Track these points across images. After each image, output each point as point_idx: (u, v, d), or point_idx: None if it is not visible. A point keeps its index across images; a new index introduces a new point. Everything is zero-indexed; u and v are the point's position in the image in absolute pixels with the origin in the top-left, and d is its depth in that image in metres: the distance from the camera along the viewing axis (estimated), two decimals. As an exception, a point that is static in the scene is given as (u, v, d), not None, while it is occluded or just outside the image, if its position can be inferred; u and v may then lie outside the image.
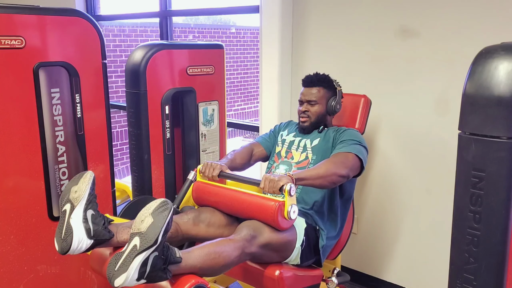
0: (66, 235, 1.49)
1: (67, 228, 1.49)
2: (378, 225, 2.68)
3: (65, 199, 1.54)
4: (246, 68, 9.39)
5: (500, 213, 1.21)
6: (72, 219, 1.50)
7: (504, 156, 1.18)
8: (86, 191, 1.54)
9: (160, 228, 1.34)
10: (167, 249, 1.40)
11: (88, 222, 1.52)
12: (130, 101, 2.40)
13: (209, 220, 1.87)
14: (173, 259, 1.42)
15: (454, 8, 2.24)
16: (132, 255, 1.33)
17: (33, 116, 2.05)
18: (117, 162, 6.36)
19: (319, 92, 2.18)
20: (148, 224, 1.35)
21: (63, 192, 1.57)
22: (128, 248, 1.35)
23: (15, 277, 2.09)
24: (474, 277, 1.26)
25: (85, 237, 1.51)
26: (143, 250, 1.32)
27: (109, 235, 1.57)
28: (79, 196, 1.53)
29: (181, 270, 1.46)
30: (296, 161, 2.16)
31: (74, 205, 1.52)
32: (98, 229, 1.54)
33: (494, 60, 1.19)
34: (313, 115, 2.19)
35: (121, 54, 6.78)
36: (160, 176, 2.47)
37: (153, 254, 1.34)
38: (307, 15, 2.77)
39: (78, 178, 1.58)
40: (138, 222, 1.37)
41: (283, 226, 1.75)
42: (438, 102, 2.35)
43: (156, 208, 1.39)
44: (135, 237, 1.35)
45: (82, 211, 1.52)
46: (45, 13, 2.05)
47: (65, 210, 1.53)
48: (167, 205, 1.40)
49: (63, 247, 1.49)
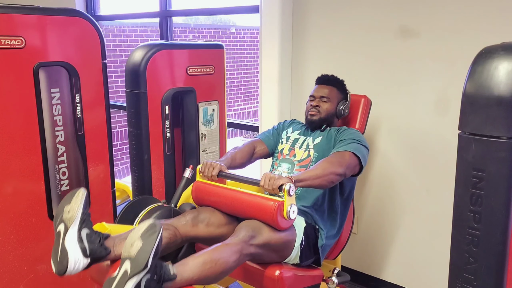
0: (62, 258, 1.48)
1: (62, 251, 1.48)
2: (378, 225, 2.68)
3: (59, 219, 1.53)
4: (246, 68, 9.39)
5: (500, 213, 1.21)
6: (66, 241, 1.49)
7: (504, 156, 1.18)
8: (79, 210, 1.52)
9: (150, 252, 1.34)
10: (160, 268, 1.40)
11: (83, 241, 1.51)
12: (130, 101, 2.40)
13: (208, 220, 1.87)
14: (167, 277, 1.41)
15: (454, 8, 2.24)
16: (123, 280, 1.32)
17: (33, 116, 2.05)
18: (117, 162, 6.36)
19: (332, 91, 2.22)
20: (138, 248, 1.34)
21: (56, 211, 1.56)
22: (119, 273, 1.35)
23: (15, 277, 2.09)
24: (474, 277, 1.26)
25: (81, 257, 1.49)
26: (134, 275, 1.32)
27: (105, 252, 1.56)
28: (72, 216, 1.51)
29: (178, 285, 1.45)
30: (298, 159, 2.16)
31: (67, 226, 1.50)
32: (94, 247, 1.52)
33: (494, 60, 1.19)
34: (324, 112, 2.19)
35: (121, 54, 6.78)
36: (160, 176, 2.47)
37: (145, 277, 1.34)
38: (307, 15, 2.77)
39: (71, 196, 1.56)
40: (128, 245, 1.37)
41: (282, 226, 1.75)
42: (438, 102, 2.35)
43: (145, 231, 1.38)
44: (126, 261, 1.35)
45: (76, 231, 1.50)
46: (45, 13, 2.05)
47: (59, 231, 1.51)
48: (155, 227, 1.39)
49: (60, 269, 1.48)
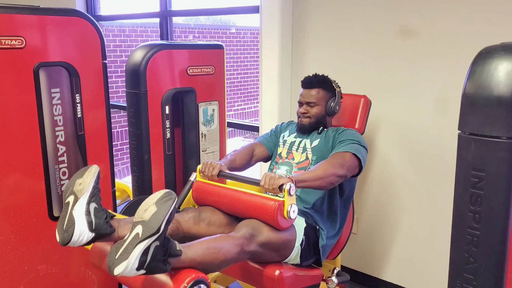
0: (68, 226, 1.48)
1: (69, 220, 1.49)
2: (378, 225, 2.69)
3: (69, 191, 1.54)
4: (246, 68, 9.39)
5: (500, 213, 1.21)
6: (75, 211, 1.50)
7: (504, 156, 1.18)
8: (91, 184, 1.54)
9: (164, 217, 1.35)
10: (168, 241, 1.41)
11: (90, 215, 1.52)
12: (130, 101, 2.40)
13: (209, 219, 1.88)
14: (173, 251, 1.42)
15: (454, 8, 2.24)
16: (134, 242, 1.33)
17: (33, 116, 2.05)
18: (117, 162, 6.36)
19: (318, 93, 2.18)
20: (152, 213, 1.35)
21: (67, 184, 1.57)
22: (130, 236, 1.35)
23: (15, 277, 2.09)
24: (474, 277, 1.26)
25: (87, 230, 1.50)
26: (145, 238, 1.32)
27: (110, 230, 1.57)
28: (83, 189, 1.52)
29: (181, 263, 1.46)
30: (296, 162, 2.16)
31: (77, 197, 1.52)
32: (100, 222, 1.53)
33: (494, 60, 1.19)
34: (313, 117, 2.19)
35: (121, 54, 6.78)
36: (160, 176, 2.47)
37: (154, 243, 1.34)
38: (307, 15, 2.77)
39: (84, 171, 1.58)
40: (141, 211, 1.38)
41: (282, 225, 1.75)
42: (438, 102, 2.36)
43: (160, 198, 1.39)
44: (138, 225, 1.35)
45: (85, 204, 1.52)
46: (45, 13, 2.05)
47: (68, 201, 1.52)
48: (171, 195, 1.41)
49: (64, 238, 1.49)
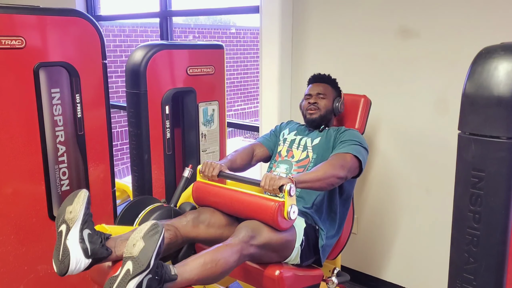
0: (63, 257, 1.49)
1: (64, 250, 1.49)
2: (378, 225, 2.68)
3: (61, 219, 1.54)
4: (246, 68, 9.39)
5: (500, 213, 1.21)
6: (68, 240, 1.50)
7: (504, 156, 1.18)
8: (81, 211, 1.53)
9: (152, 252, 1.35)
10: (161, 268, 1.41)
11: (85, 242, 1.52)
12: (130, 101, 2.40)
13: (209, 221, 1.87)
14: (168, 277, 1.43)
15: (454, 8, 2.24)
16: (125, 279, 1.34)
17: (34, 116, 2.05)
18: (117, 162, 6.36)
19: (327, 88, 2.24)
20: (140, 248, 1.36)
21: (58, 211, 1.57)
22: (121, 272, 1.36)
23: (15, 277, 2.09)
24: (474, 277, 1.26)
25: (83, 257, 1.51)
26: (136, 275, 1.33)
27: (107, 253, 1.57)
28: (74, 217, 1.52)
29: (178, 285, 1.46)
30: (296, 160, 2.16)
31: (69, 226, 1.52)
32: (96, 248, 1.54)
33: (494, 60, 1.19)
34: (323, 108, 2.20)
35: (121, 54, 6.78)
36: (160, 176, 2.47)
37: (146, 277, 1.35)
38: (307, 15, 2.77)
39: (73, 197, 1.57)
40: (130, 245, 1.38)
41: (282, 226, 1.75)
42: (438, 102, 2.36)
43: (147, 231, 1.39)
44: (128, 261, 1.36)
45: (78, 232, 1.52)
46: (45, 13, 2.05)
47: (61, 231, 1.52)
48: (157, 228, 1.40)
49: (61, 269, 1.49)
